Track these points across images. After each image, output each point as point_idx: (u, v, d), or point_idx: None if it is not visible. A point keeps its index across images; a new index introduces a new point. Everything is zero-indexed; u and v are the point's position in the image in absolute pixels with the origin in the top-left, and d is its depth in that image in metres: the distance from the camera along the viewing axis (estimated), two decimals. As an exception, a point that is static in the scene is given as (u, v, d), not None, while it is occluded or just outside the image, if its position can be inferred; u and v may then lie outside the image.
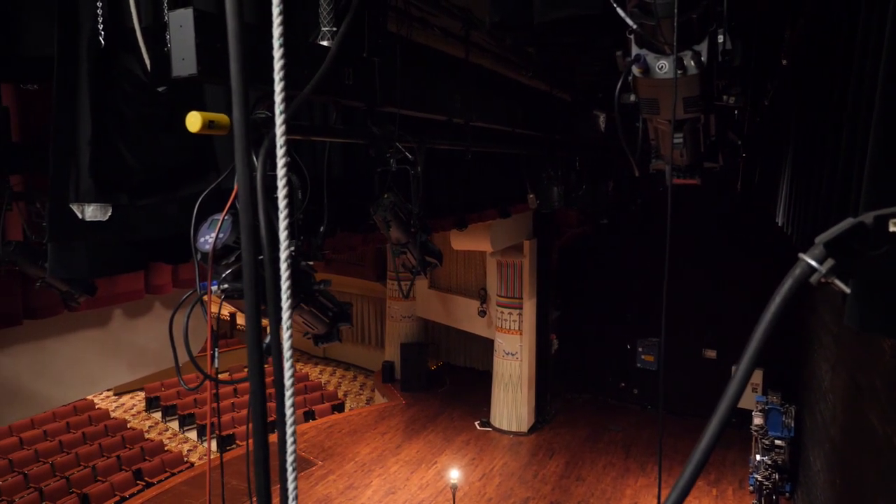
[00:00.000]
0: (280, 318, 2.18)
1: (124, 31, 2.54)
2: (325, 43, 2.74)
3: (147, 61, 2.51)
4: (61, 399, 5.95)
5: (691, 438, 14.19)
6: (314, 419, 16.43)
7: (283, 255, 1.47)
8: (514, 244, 14.20)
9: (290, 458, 1.52)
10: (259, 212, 2.13)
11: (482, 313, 16.06)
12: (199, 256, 2.16)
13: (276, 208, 2.19)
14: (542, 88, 5.95)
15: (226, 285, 2.16)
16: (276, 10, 1.47)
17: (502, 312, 14.99)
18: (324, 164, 2.69)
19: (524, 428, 15.14)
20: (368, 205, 3.58)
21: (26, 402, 5.46)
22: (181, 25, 2.01)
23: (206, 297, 2.14)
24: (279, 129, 1.44)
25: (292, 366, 1.55)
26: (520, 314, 14.81)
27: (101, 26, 2.42)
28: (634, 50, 1.77)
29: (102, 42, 2.42)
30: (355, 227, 3.95)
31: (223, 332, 21.83)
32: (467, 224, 8.33)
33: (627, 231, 15.44)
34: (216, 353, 2.17)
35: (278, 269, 2.13)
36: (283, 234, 1.48)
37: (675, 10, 1.56)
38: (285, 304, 1.51)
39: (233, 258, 2.14)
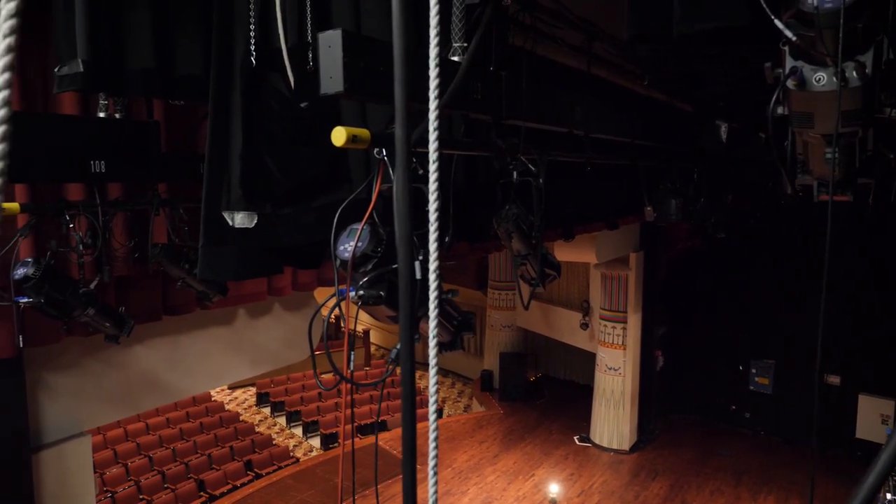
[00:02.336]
0: (412, 326, 2.24)
1: (271, 51, 2.73)
2: (455, 58, 2.81)
3: (291, 79, 2.68)
4: (191, 390, 6.40)
5: (807, 467, 13.22)
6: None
7: (433, 266, 1.52)
8: (619, 256, 13.85)
9: (431, 470, 1.56)
10: (396, 222, 2.22)
11: (584, 326, 15.75)
12: (338, 263, 2.27)
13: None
14: (661, 99, 5.79)
15: (362, 292, 2.25)
16: (432, 32, 1.53)
17: (606, 326, 14.64)
18: (450, 176, 2.76)
19: (626, 446, 14.68)
20: (486, 215, 3.63)
21: (161, 391, 5.93)
22: (330, 46, 2.13)
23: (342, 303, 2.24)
24: (432, 146, 1.50)
25: (436, 373, 1.60)
26: (624, 328, 14.41)
27: (252, 47, 2.61)
28: (789, 62, 1.70)
29: (253, 62, 2.60)
30: (474, 237, 4.00)
31: (329, 334, 22.65)
32: (574, 235, 8.22)
33: (744, 246, 14.67)
34: (352, 356, 2.27)
35: (414, 277, 2.20)
36: (432, 247, 1.53)
37: (841, 20, 1.48)
38: (432, 312, 1.56)
39: (370, 266, 2.24)
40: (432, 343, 1.57)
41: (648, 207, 6.31)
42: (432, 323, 1.58)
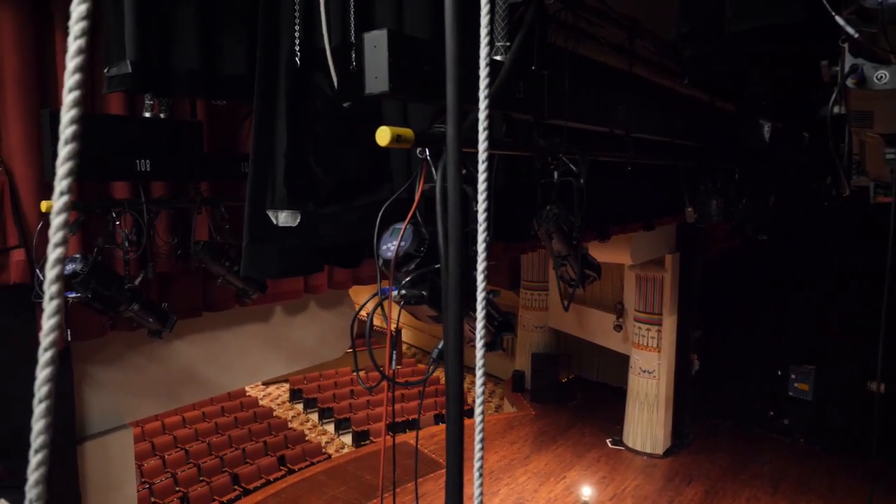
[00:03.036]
0: (455, 327, 2.24)
1: (315, 51, 2.75)
2: (498, 57, 2.80)
3: (335, 79, 2.70)
4: (228, 385, 6.51)
5: (848, 477, 12.86)
6: (444, 423, 16.71)
7: (481, 266, 1.51)
8: (655, 258, 13.65)
9: (476, 472, 1.56)
10: (438, 222, 2.22)
11: (618, 328, 15.58)
12: (380, 263, 2.28)
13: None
14: (702, 98, 5.68)
15: (404, 291, 2.26)
16: (483, 32, 1.53)
17: (640, 328, 14.45)
18: (491, 176, 2.75)
19: (659, 450, 14.48)
20: (525, 215, 3.60)
21: (200, 386, 6.04)
22: (375, 46, 2.14)
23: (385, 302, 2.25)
24: (482, 146, 1.49)
25: (483, 373, 1.59)
26: (659, 331, 14.20)
27: (297, 48, 2.64)
28: (848, 59, 1.65)
29: (298, 62, 2.63)
30: (511, 237, 3.99)
31: (362, 332, 22.82)
32: (609, 236, 8.13)
33: (785, 248, 14.33)
34: (394, 355, 2.27)
35: (457, 277, 2.20)
36: (481, 247, 1.52)
37: (907, 16, 1.43)
38: (480, 313, 1.55)
39: (413, 265, 2.24)
40: (479, 344, 1.57)
41: (689, 208, 6.20)
42: (479, 324, 1.57)
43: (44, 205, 3.76)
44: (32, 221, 4.21)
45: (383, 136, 2.15)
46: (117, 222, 3.95)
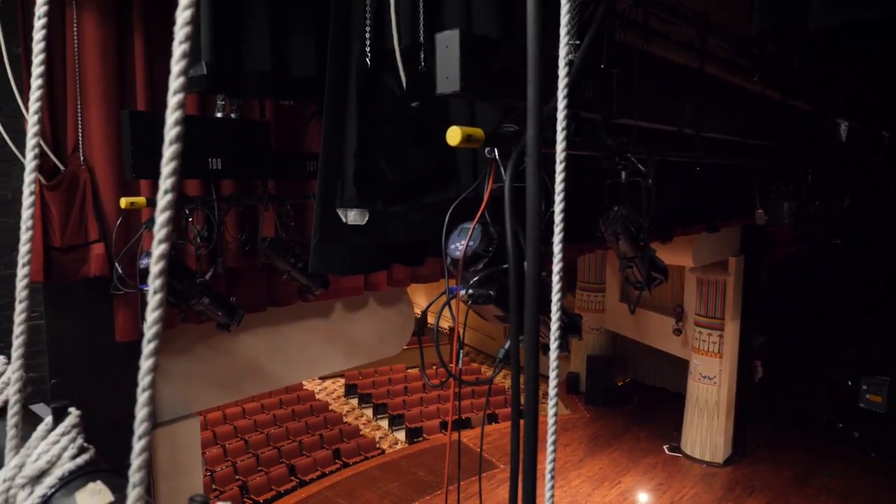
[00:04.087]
0: (523, 328, 2.23)
1: (384, 52, 2.79)
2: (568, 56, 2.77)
3: (404, 79, 2.73)
4: (290, 379, 6.68)
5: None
6: (497, 422, 16.68)
7: (557, 267, 1.50)
8: (718, 260, 13.25)
9: (549, 474, 1.55)
10: (506, 222, 2.21)
11: (677, 332, 15.19)
12: (448, 262, 2.29)
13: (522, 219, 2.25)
14: (775, 96, 5.48)
15: (472, 290, 2.26)
16: (563, 31, 1.51)
17: (701, 333, 14.05)
18: (568, 176, 2.73)
19: (719, 459, 14.05)
20: (587, 216, 3.55)
21: (263, 379, 6.21)
22: (447, 46, 2.15)
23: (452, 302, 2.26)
24: (560, 146, 1.48)
25: (557, 375, 1.58)
26: (720, 336, 13.78)
27: (367, 49, 2.68)
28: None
29: (368, 63, 2.67)
30: (573, 237, 3.93)
31: (415, 330, 22.99)
32: (672, 238, 7.93)
33: (857, 252, 13.68)
34: (461, 354, 2.28)
35: (523, 277, 2.19)
36: (557, 248, 1.51)
37: None
38: (555, 314, 1.54)
39: (481, 265, 2.24)
40: (554, 346, 1.56)
41: (760, 210, 5.98)
42: (555, 325, 1.56)
43: (123, 201, 3.94)
44: (112, 217, 4.42)
45: (454, 136, 2.16)
46: (190, 219, 4.10)
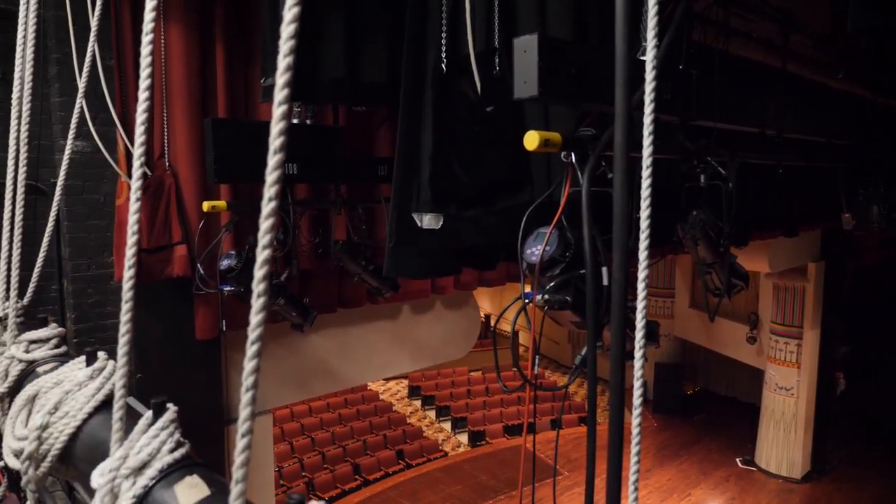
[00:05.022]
0: (600, 334, 2.20)
1: (459, 57, 2.81)
2: (643, 57, 2.72)
3: (478, 84, 2.74)
4: (358, 379, 6.80)
5: None
6: (560, 428, 16.47)
7: (642, 274, 1.47)
8: (795, 266, 12.66)
9: (632, 486, 1.52)
10: (584, 227, 2.18)
11: (752, 340, 14.60)
12: (524, 266, 2.28)
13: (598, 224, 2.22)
14: (863, 94, 5.19)
15: (547, 296, 2.24)
16: (650, 35, 1.48)
17: (777, 341, 13.46)
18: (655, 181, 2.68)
19: (797, 474, 13.41)
20: (660, 220, 3.47)
21: (332, 378, 6.35)
22: (525, 50, 2.15)
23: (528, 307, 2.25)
24: (647, 150, 1.45)
25: (642, 384, 1.55)
26: (798, 345, 13.16)
27: (443, 54, 2.70)
28: None
29: (444, 68, 2.69)
30: (652, 242, 3.84)
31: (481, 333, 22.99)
32: (748, 242, 7.64)
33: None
34: (536, 360, 2.27)
35: (600, 283, 2.15)
36: (643, 255, 1.48)
37: None
38: (640, 322, 1.51)
39: (557, 270, 2.22)
40: (639, 355, 1.53)
41: (847, 214, 5.69)
42: (639, 334, 1.54)
43: (205, 205, 4.10)
44: (194, 220, 4.62)
45: (531, 140, 2.15)
46: (267, 222, 4.23)
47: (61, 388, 1.88)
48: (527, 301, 2.24)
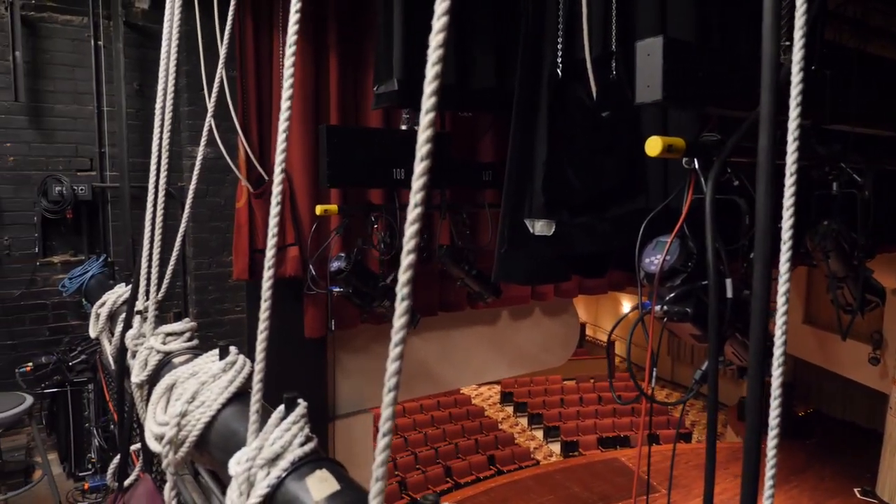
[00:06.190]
0: (722, 349, 2.08)
1: (575, 62, 2.77)
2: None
3: (594, 89, 2.69)
4: (455, 383, 6.85)
5: None
6: (658, 443, 15.88)
7: (783, 288, 1.39)
8: (928, 282, 11.58)
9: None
10: (707, 236, 2.09)
11: (874, 361, 13.46)
12: (641, 276, 2.21)
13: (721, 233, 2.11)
14: None
15: (666, 307, 2.16)
16: (797, 35, 1.40)
17: (904, 363, 12.36)
18: (800, 190, 2.54)
19: (925, 509, 12.25)
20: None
21: (432, 381, 6.43)
22: (649, 54, 2.09)
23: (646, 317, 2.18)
24: (791, 157, 1.37)
25: (780, 405, 1.46)
26: (929, 368, 12.03)
27: (559, 59, 2.67)
28: None
29: (559, 73, 2.67)
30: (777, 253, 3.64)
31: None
32: (875, 255, 7.05)
33: None
34: (654, 372, 2.19)
35: (724, 294, 2.05)
36: (784, 267, 1.39)
37: None
38: (780, 338, 1.43)
39: (678, 281, 2.14)
40: (777, 373, 1.44)
41: None
42: (778, 351, 1.45)
43: (318, 208, 4.27)
44: (306, 223, 4.82)
45: (654, 145, 2.08)
46: (375, 225, 4.35)
47: (197, 379, 2.00)
48: (645, 312, 2.17)
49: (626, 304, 21.33)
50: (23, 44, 4.82)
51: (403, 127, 4.32)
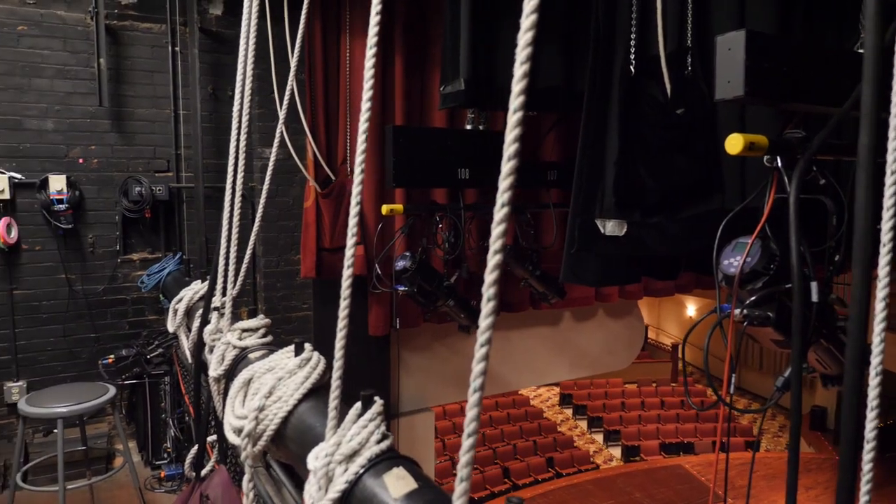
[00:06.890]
0: (806, 354, 1.99)
1: (648, 59, 2.70)
2: (862, 50, 2.45)
3: (668, 86, 2.62)
4: (517, 384, 6.81)
5: None
6: (723, 452, 15.35)
7: (882, 293, 1.31)
8: None
9: None
10: (791, 238, 2.00)
11: (963, 371, 12.65)
12: (720, 278, 2.14)
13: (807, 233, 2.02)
14: None
15: (746, 311, 2.08)
16: (901, 22, 1.32)
17: None
18: (847, 187, 2.41)
19: None
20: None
21: (492, 382, 6.40)
22: (730, 48, 2.01)
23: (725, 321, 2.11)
24: (891, 156, 1.29)
25: (876, 416, 1.38)
26: None
27: (632, 55, 2.62)
28: None
29: (632, 70, 2.61)
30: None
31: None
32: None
33: None
34: (732, 379, 2.12)
35: (809, 298, 1.96)
36: (883, 271, 1.32)
37: None
38: (877, 347, 1.35)
39: (759, 284, 2.06)
40: (874, 383, 1.37)
41: None
42: (875, 360, 1.37)
43: (384, 208, 4.32)
44: (371, 222, 4.89)
45: (735, 143, 2.01)
46: (439, 225, 4.37)
47: (273, 374, 2.06)
48: (723, 315, 2.10)
49: (691, 307, 20.74)
50: (106, 51, 5.08)
51: (468, 127, 4.32)
